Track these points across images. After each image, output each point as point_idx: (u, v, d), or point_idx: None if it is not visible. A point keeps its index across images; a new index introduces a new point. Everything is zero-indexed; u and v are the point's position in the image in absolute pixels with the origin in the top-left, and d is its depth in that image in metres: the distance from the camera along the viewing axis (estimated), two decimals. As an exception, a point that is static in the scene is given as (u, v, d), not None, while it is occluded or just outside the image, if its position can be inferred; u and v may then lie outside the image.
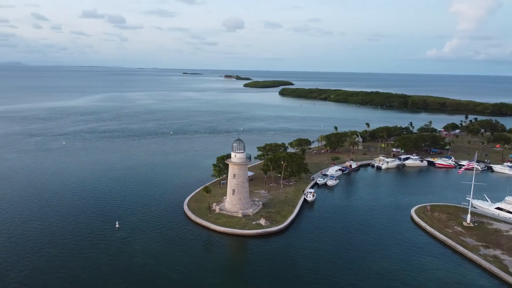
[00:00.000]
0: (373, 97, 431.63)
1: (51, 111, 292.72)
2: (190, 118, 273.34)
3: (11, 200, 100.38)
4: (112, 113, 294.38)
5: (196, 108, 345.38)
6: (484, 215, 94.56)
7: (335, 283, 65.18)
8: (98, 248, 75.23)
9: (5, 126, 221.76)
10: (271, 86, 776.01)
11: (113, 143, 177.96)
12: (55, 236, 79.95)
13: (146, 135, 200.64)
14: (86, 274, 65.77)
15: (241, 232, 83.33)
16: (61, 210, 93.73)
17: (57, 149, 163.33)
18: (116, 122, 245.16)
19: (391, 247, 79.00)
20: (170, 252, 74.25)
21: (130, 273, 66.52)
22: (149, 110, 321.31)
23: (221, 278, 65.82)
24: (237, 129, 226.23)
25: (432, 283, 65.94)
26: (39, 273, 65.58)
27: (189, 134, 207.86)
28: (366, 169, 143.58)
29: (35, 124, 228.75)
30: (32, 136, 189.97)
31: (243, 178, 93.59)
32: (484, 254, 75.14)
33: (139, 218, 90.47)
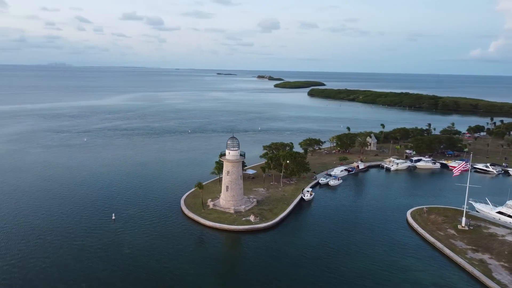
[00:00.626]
0: (402, 98, 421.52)
1: (82, 109, 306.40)
2: (212, 118, 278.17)
3: (24, 190, 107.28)
4: (138, 112, 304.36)
5: (221, 107, 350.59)
6: (483, 219, 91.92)
7: (307, 280, 65.93)
8: (91, 237, 79.46)
9: (37, 122, 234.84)
10: (301, 86, 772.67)
11: (131, 140, 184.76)
12: (55, 224, 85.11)
13: (164, 133, 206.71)
14: (72, 260, 69.91)
15: (229, 227, 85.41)
16: (65, 201, 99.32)
17: (78, 145, 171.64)
18: (139, 121, 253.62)
19: (376, 247, 78.57)
20: (157, 244, 77.32)
21: (114, 261, 70.05)
22: (175, 109, 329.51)
23: (198, 269, 68.03)
24: (255, 129, 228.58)
25: (407, 284, 65.42)
26: (30, 257, 70.43)
27: (207, 133, 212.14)
28: (374, 170, 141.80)
29: (64, 121, 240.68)
30: (58, 133, 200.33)
31: (236, 175, 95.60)
32: (471, 257, 73.44)
33: (136, 211, 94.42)
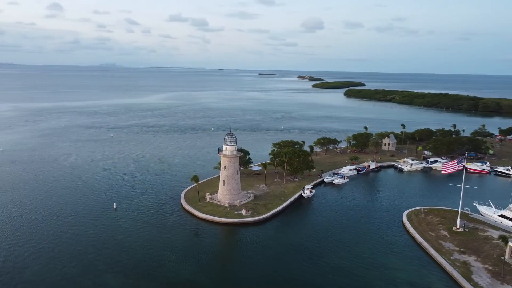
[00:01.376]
0: (440, 99, 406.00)
1: (118, 107, 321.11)
2: (239, 116, 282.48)
3: (43, 179, 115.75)
4: (170, 110, 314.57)
5: (251, 107, 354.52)
6: (483, 222, 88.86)
7: (282, 273, 67.32)
8: (90, 223, 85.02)
9: (73, 118, 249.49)
10: (339, 87, 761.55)
11: (154, 137, 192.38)
12: (61, 211, 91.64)
13: (187, 131, 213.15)
14: (65, 242, 75.46)
15: (219, 220, 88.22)
16: (76, 191, 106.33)
17: (104, 140, 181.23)
18: (168, 118, 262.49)
19: (362, 245, 78.36)
20: (147, 232, 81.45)
21: (103, 245, 74.83)
22: (205, 108, 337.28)
23: (180, 257, 71.18)
24: (277, 128, 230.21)
25: (380, 281, 65.22)
26: (29, 239, 76.82)
27: (227, 130, 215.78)
28: (387, 170, 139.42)
29: (97, 118, 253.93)
30: (89, 128, 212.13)
31: (233, 170, 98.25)
32: (455, 259, 71.74)
33: (139, 202, 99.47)
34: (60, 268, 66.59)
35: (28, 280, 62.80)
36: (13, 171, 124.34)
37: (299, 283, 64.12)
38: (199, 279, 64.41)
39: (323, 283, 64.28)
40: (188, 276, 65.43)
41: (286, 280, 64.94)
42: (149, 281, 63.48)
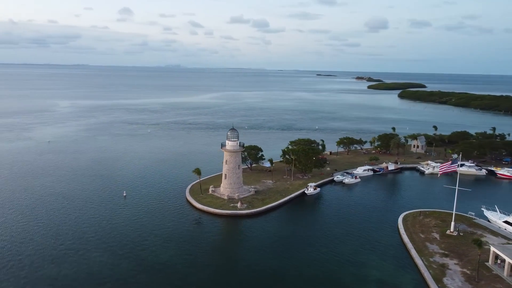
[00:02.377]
0: (500, 102, 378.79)
1: (166, 105, 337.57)
2: (277, 116, 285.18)
3: (72, 168, 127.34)
4: (213, 108, 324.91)
5: (294, 107, 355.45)
6: (485, 227, 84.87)
7: (250, 263, 70.03)
8: (96, 208, 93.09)
9: (121, 115, 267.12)
10: (396, 88, 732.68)
11: (187, 133, 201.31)
12: (76, 195, 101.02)
13: (221, 128, 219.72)
14: (69, 223, 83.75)
15: (213, 211, 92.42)
16: (97, 179, 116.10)
17: (141, 135, 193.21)
18: (208, 116, 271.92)
19: (347, 242, 78.19)
20: (144, 218, 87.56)
21: (100, 227, 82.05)
22: (249, 107, 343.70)
23: (162, 241, 76.34)
24: (311, 128, 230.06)
25: (351, 277, 65.45)
26: (39, 218, 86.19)
27: (261, 130, 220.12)
28: (406, 172, 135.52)
29: (143, 115, 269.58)
30: (131, 124, 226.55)
31: (234, 164, 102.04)
32: (433, 261, 69.97)
33: (149, 191, 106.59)
34: (57, 243, 74.40)
35: (29, 242, 71.13)
36: (50, 160, 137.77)
37: (263, 273, 66.38)
38: (175, 262, 68.77)
39: (289, 273, 66.04)
40: (165, 259, 69.91)
41: (252, 270, 67.39)
42: (130, 260, 68.93)
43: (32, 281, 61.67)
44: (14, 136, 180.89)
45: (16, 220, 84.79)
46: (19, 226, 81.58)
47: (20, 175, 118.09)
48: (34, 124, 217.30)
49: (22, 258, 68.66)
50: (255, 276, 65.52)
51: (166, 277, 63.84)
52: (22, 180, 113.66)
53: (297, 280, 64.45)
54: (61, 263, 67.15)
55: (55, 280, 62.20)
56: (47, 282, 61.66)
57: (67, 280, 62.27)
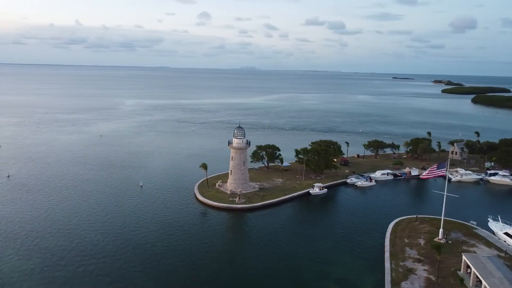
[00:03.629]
0: None
1: (221, 106, 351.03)
2: (326, 118, 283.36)
3: (107, 158, 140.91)
4: (265, 109, 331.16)
5: (348, 109, 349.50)
6: (483, 237, 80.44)
7: (221, 254, 74.40)
8: (112, 195, 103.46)
9: (175, 114, 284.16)
10: (474, 92, 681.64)
11: (228, 132, 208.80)
12: (102, 182, 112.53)
13: (263, 129, 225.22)
14: (85, 207, 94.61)
15: (211, 203, 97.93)
16: (125, 169, 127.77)
17: (184, 132, 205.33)
18: (256, 117, 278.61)
19: (327, 242, 78.63)
20: (148, 206, 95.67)
21: (108, 211, 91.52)
22: (302, 109, 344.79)
23: (158, 227, 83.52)
24: (355, 131, 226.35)
25: (311, 273, 66.71)
26: (57, 200, 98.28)
27: (301, 131, 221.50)
28: (432, 179, 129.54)
29: (195, 114, 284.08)
30: (180, 122, 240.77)
31: (239, 161, 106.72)
32: (403, 265, 68.61)
33: (165, 183, 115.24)
34: (73, 220, 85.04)
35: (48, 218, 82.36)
36: (93, 151, 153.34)
37: (226, 262, 70.29)
38: (153, 243, 75.38)
39: (253, 265, 69.13)
40: (151, 243, 76.69)
41: (215, 259, 71.51)
42: (122, 241, 76.82)
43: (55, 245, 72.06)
44: (74, 130, 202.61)
45: (43, 200, 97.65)
46: (43, 206, 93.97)
47: (62, 163, 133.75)
48: (96, 120, 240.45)
49: (41, 228, 80.00)
50: (217, 263, 69.58)
51: (140, 255, 70.48)
52: (62, 167, 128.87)
53: (258, 271, 67.16)
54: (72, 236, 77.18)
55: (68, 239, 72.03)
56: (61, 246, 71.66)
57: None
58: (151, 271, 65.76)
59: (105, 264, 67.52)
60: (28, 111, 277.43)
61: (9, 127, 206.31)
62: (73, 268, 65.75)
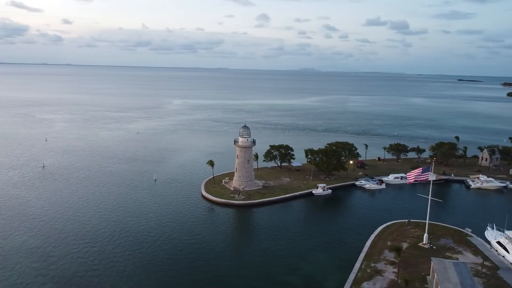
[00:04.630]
0: None
1: (264, 107, 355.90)
2: (366, 121, 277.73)
3: (137, 154, 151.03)
4: (307, 111, 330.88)
5: (393, 112, 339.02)
6: (473, 245, 77.72)
7: (190, 246, 78.74)
8: (124, 186, 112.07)
9: (215, 113, 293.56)
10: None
11: (260, 132, 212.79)
12: (120, 176, 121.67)
13: (293, 129, 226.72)
14: (103, 197, 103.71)
15: (211, 198, 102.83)
16: (144, 164, 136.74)
17: (217, 132, 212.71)
18: (293, 118, 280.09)
19: (307, 241, 79.87)
20: (154, 198, 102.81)
21: (123, 203, 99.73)
22: (343, 111, 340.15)
23: (151, 213, 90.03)
24: (389, 134, 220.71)
25: (281, 268, 69.02)
26: (78, 187, 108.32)
27: (333, 132, 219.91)
28: (449, 185, 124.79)
29: (234, 114, 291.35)
30: (217, 122, 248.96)
31: (243, 159, 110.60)
32: (373, 266, 68.75)
33: (175, 178, 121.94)
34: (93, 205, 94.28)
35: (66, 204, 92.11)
36: (125, 146, 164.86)
37: (201, 254, 74.49)
38: (144, 229, 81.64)
39: (226, 258, 72.65)
40: (146, 231, 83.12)
41: (194, 247, 76.01)
42: (122, 226, 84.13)
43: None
44: (116, 127, 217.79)
45: (65, 188, 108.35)
46: (63, 193, 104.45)
47: (93, 156, 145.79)
48: (139, 118, 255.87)
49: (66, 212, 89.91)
50: (190, 251, 73.95)
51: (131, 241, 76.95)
52: (91, 159, 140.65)
53: (227, 263, 70.76)
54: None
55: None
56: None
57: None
58: (136, 252, 71.81)
59: (96, 243, 74.83)
60: (83, 108, 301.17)
61: (60, 123, 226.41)
62: (76, 246, 73.67)
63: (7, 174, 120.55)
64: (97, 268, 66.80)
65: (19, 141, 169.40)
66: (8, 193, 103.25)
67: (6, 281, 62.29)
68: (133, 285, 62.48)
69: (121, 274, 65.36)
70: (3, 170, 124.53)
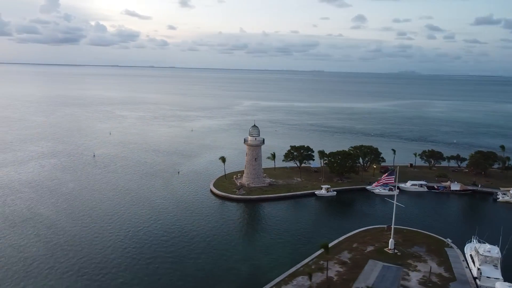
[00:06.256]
0: None
1: (330, 109, 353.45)
2: (430, 127, 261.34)
3: (179, 149, 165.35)
4: (372, 115, 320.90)
5: (469, 119, 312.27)
6: (444, 255, 74.79)
7: (159, 235, 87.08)
8: (149, 177, 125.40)
9: (276, 115, 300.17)
10: None
11: (309, 134, 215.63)
12: (153, 168, 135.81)
13: (344, 133, 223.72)
14: (131, 185, 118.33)
15: (215, 191, 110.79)
16: (180, 159, 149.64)
17: (265, 132, 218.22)
18: (353, 121, 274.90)
19: (271, 238, 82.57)
20: (173, 188, 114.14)
21: (140, 192, 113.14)
22: (414, 116, 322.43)
23: (165, 204, 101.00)
24: (448, 141, 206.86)
25: (240, 263, 74.52)
26: (103, 178, 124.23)
27: (385, 137, 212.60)
28: (476, 196, 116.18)
29: (294, 116, 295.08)
30: (272, 122, 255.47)
31: (251, 157, 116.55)
32: (321, 263, 70.43)
33: (197, 172, 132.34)
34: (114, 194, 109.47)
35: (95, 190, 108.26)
36: (172, 142, 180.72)
37: (170, 244, 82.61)
38: (148, 216, 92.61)
39: (184, 245, 79.53)
40: (142, 215, 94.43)
41: (155, 240, 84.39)
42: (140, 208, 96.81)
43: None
44: (175, 124, 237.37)
45: (103, 174, 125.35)
46: (100, 179, 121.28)
47: (139, 149, 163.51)
48: (201, 117, 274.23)
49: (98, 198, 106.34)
50: (159, 235, 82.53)
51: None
52: (136, 152, 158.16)
53: (173, 253, 75.48)
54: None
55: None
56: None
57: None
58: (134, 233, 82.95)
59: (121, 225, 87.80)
60: (158, 107, 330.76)
61: (131, 119, 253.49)
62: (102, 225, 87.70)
63: (61, 159, 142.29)
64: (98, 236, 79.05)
65: (86, 134, 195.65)
66: (52, 175, 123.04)
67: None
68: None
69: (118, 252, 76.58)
70: (60, 156, 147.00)
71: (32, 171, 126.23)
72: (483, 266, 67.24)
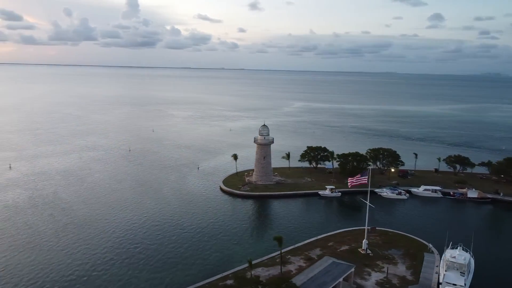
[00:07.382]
0: None
1: (379, 112, 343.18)
2: (481, 132, 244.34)
3: (205, 146, 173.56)
4: (424, 118, 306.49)
5: None
6: (424, 261, 73.61)
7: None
8: (169, 172, 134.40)
9: (321, 117, 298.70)
10: None
11: (342, 136, 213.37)
12: (177, 161, 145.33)
13: (384, 136, 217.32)
14: (148, 180, 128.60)
15: (222, 186, 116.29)
16: (204, 155, 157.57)
17: (300, 133, 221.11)
18: (399, 124, 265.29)
19: (251, 235, 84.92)
20: (190, 183, 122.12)
21: (155, 182, 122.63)
22: (472, 120, 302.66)
23: (175, 196, 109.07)
24: (495, 147, 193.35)
25: (216, 253, 79.96)
26: (119, 172, 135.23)
27: (426, 141, 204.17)
28: (495, 204, 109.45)
29: (339, 118, 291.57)
30: (314, 124, 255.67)
31: (259, 155, 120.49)
32: (286, 258, 72.88)
33: (216, 168, 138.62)
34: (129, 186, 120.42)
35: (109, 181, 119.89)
36: (206, 140, 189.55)
37: (154, 236, 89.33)
38: (145, 201, 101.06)
39: (164, 236, 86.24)
40: (149, 206, 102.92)
41: (143, 228, 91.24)
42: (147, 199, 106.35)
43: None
44: (217, 124, 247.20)
45: (130, 168, 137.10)
46: (126, 171, 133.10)
47: (172, 146, 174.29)
48: (246, 117, 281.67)
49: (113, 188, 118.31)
50: (149, 225, 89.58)
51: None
52: (168, 149, 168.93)
53: (151, 240, 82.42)
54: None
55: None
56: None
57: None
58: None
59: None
60: (209, 107, 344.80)
61: (177, 118, 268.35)
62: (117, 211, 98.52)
63: (99, 152, 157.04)
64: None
65: (131, 130, 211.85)
66: (85, 165, 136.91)
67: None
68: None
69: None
70: (99, 150, 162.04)
71: (70, 162, 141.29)
72: (448, 272, 65.61)
